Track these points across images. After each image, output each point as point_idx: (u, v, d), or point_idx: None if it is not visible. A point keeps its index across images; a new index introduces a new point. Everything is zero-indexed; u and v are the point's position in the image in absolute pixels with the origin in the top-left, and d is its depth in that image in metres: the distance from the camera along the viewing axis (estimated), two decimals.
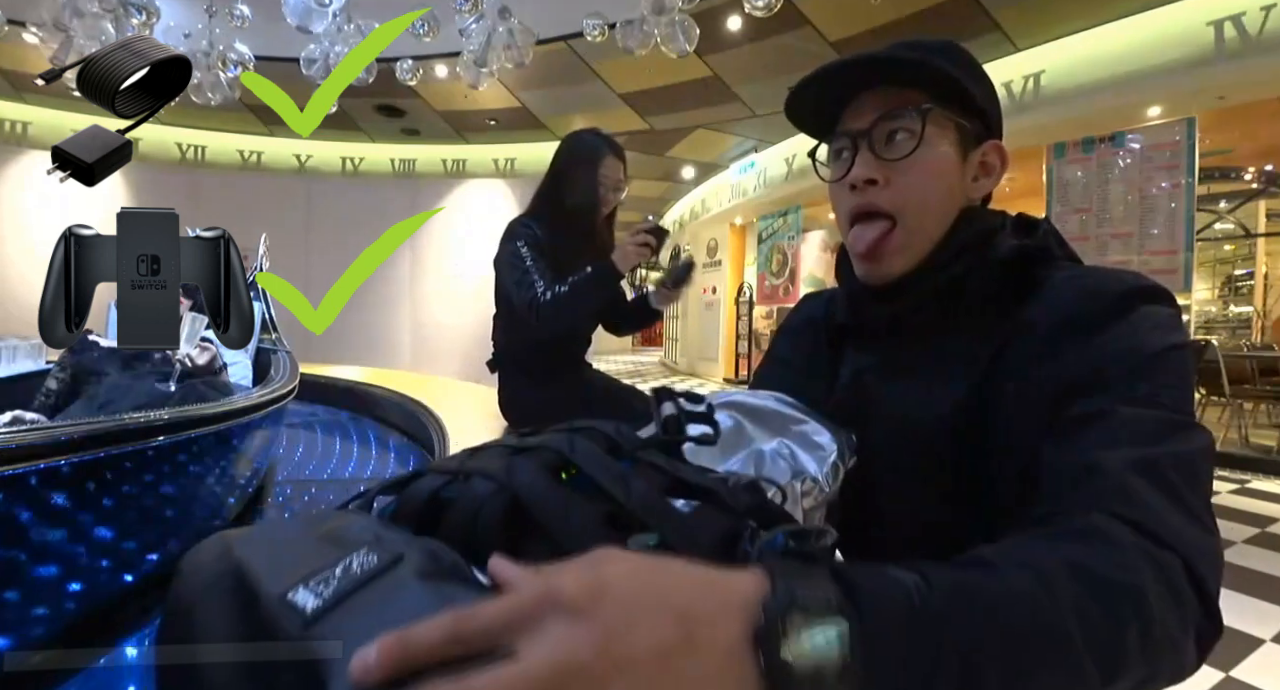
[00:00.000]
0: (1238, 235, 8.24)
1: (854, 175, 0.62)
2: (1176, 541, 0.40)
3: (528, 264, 1.61)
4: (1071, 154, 5.39)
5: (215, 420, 1.84)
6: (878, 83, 0.62)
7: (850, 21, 5.45)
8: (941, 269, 0.61)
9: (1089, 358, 0.51)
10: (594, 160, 1.66)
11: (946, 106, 0.61)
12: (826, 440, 0.59)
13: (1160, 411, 0.48)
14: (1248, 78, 4.49)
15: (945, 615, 0.32)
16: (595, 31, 4.67)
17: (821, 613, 0.28)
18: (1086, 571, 0.37)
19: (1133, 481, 0.43)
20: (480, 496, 0.38)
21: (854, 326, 0.70)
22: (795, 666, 0.26)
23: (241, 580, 0.33)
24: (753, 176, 8.78)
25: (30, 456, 1.23)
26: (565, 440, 0.44)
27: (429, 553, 0.34)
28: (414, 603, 0.30)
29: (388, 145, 9.11)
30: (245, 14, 4.84)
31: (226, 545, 0.37)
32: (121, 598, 1.60)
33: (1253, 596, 2.36)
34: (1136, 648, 0.36)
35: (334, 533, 0.37)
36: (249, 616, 0.32)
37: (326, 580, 0.32)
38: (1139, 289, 0.54)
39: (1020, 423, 0.53)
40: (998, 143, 0.66)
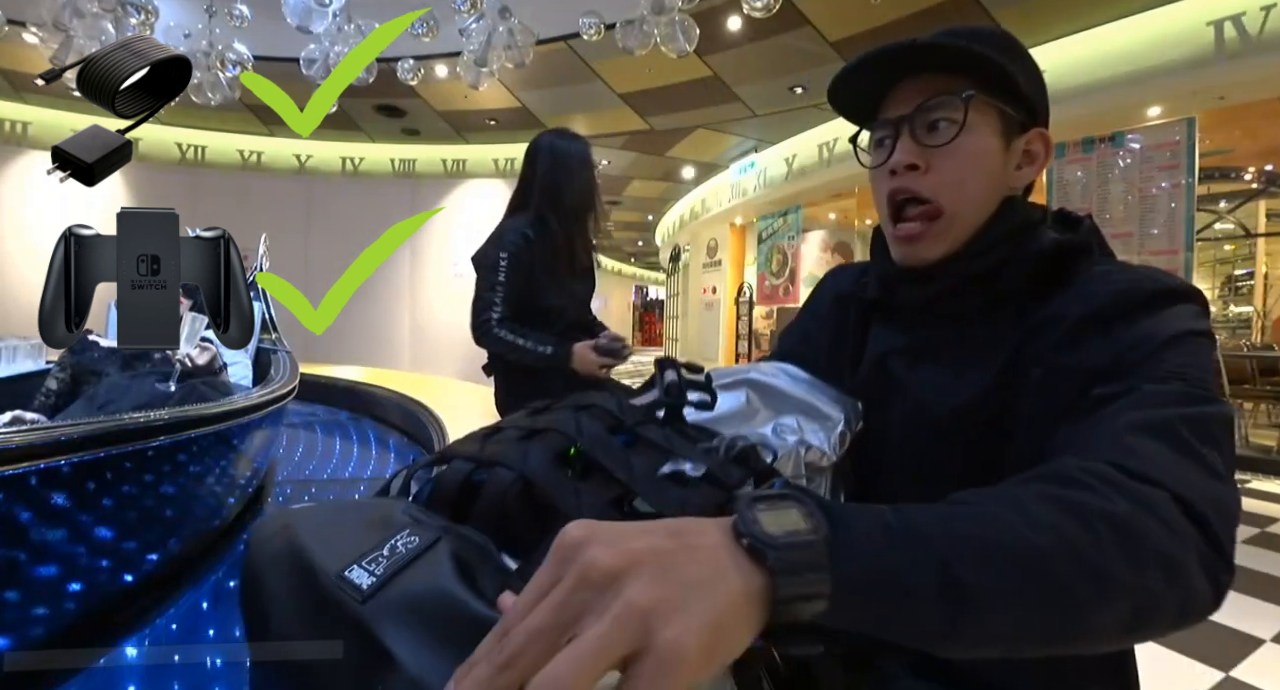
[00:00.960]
0: (1238, 235, 8.24)
1: (895, 160, 0.61)
2: (1169, 480, 0.40)
3: (499, 280, 1.66)
4: (1071, 154, 5.39)
5: (215, 420, 1.84)
6: (921, 69, 0.61)
7: (850, 21, 5.44)
8: (979, 257, 0.60)
9: (1111, 348, 0.52)
10: (587, 160, 1.72)
11: (990, 93, 0.60)
12: (834, 411, 0.59)
13: (1179, 385, 0.48)
14: (1248, 78, 4.49)
15: (918, 526, 0.34)
16: (592, 30, 4.67)
17: (779, 500, 0.32)
18: (1059, 498, 0.37)
19: (1132, 437, 0.44)
20: (504, 484, 0.43)
21: (884, 305, 0.69)
22: (770, 534, 0.30)
23: (302, 558, 0.39)
24: (753, 176, 8.78)
25: (30, 456, 1.23)
26: (572, 421, 0.48)
27: (461, 537, 0.39)
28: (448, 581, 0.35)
29: (388, 145, 9.11)
30: (245, 14, 4.84)
31: (287, 523, 0.43)
32: (121, 598, 1.60)
33: (1253, 596, 2.36)
34: (1121, 563, 0.36)
35: (377, 516, 0.42)
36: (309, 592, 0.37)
37: (377, 560, 0.37)
38: (1170, 290, 0.54)
39: (1041, 412, 0.53)
40: (1043, 131, 0.64)
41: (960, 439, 0.58)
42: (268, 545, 0.42)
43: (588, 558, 0.27)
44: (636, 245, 18.22)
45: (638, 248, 18.88)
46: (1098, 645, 0.36)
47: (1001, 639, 0.34)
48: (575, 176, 1.72)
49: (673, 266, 14.16)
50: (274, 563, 0.40)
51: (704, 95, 6.94)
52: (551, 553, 0.29)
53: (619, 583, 0.27)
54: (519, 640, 0.26)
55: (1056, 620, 0.35)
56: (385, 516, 0.42)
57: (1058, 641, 0.35)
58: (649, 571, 0.27)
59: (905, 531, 0.33)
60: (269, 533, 0.43)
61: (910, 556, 0.33)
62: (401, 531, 0.39)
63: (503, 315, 1.68)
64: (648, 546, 0.28)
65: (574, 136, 1.77)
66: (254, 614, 0.41)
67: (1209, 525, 0.39)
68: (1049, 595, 0.34)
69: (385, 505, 0.44)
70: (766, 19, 4.43)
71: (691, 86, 6.73)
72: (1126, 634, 0.37)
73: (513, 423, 0.51)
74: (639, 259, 22.52)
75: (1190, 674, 1.83)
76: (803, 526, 0.31)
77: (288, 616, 0.38)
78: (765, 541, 0.29)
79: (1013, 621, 0.34)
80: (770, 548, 0.29)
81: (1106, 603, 0.35)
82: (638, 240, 17.03)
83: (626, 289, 24.18)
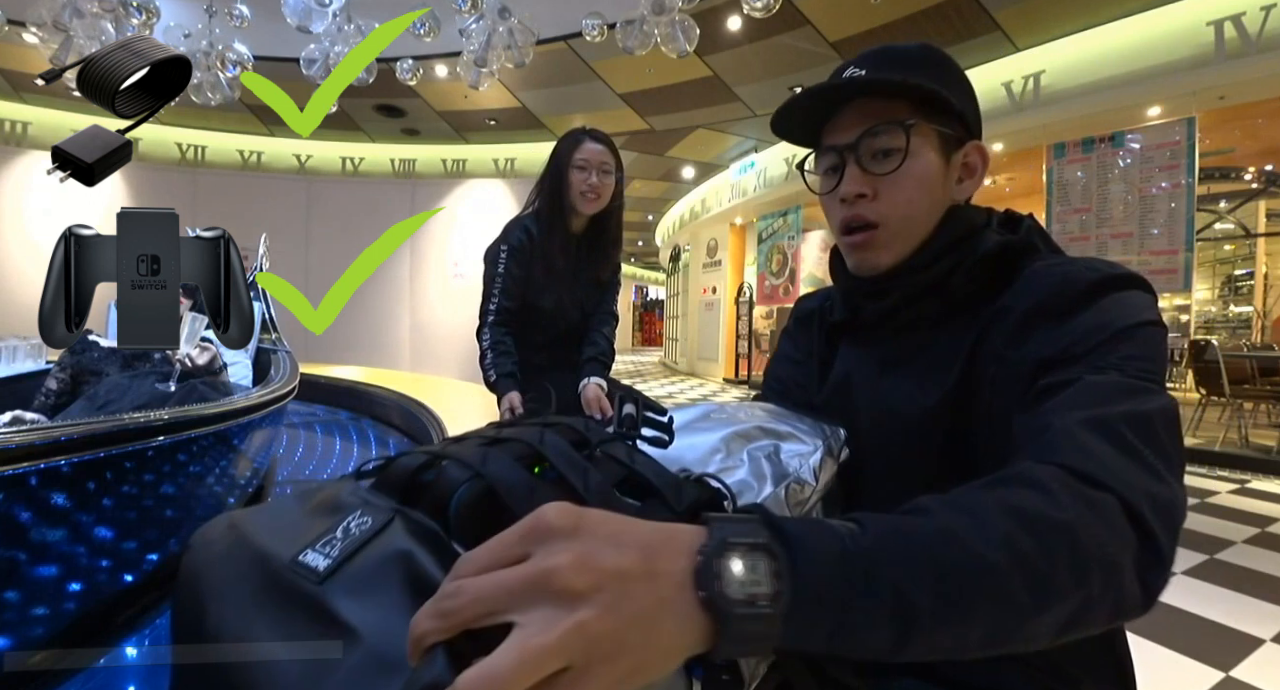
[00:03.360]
0: (1238, 235, 8.25)
1: (844, 190, 0.64)
2: (1114, 482, 0.42)
3: (499, 272, 1.65)
4: (1071, 154, 5.39)
5: (215, 420, 1.84)
6: (863, 96, 0.64)
7: (850, 21, 5.45)
8: (928, 267, 0.63)
9: (1059, 338, 0.54)
10: (569, 150, 1.65)
11: (928, 117, 0.63)
12: (809, 442, 0.60)
13: (1123, 377, 0.50)
14: (1248, 78, 4.49)
15: (875, 550, 0.35)
16: (594, 31, 4.67)
17: (750, 550, 0.32)
18: (1015, 508, 0.39)
19: (1080, 435, 0.46)
20: (456, 480, 0.41)
21: (849, 323, 0.72)
22: (730, 598, 0.30)
23: (250, 549, 0.38)
24: (753, 176, 8.78)
25: (30, 456, 1.23)
26: (537, 434, 0.47)
27: (413, 520, 0.38)
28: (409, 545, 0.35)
29: (388, 145, 9.11)
30: (245, 14, 4.84)
31: (230, 521, 0.41)
32: (121, 598, 1.60)
33: (1253, 596, 2.36)
34: (1066, 574, 0.37)
35: (326, 501, 0.41)
36: (263, 580, 0.36)
37: (330, 542, 0.36)
38: (1111, 277, 0.56)
39: (1000, 405, 0.55)
40: (978, 143, 0.67)
41: (931, 441, 0.60)
42: (211, 547, 0.40)
43: (557, 565, 0.28)
44: (636, 245, 18.23)
45: (638, 248, 18.89)
46: (1029, 647, 0.38)
47: (944, 650, 0.36)
48: (547, 170, 1.70)
49: (673, 266, 14.16)
50: (219, 562, 0.38)
51: (704, 95, 6.94)
52: (527, 527, 0.30)
53: (577, 601, 0.28)
54: (463, 599, 0.28)
55: (1001, 629, 0.36)
56: (333, 500, 0.41)
57: (996, 647, 0.37)
58: (605, 599, 0.28)
59: (862, 563, 0.34)
60: (212, 535, 0.41)
61: (866, 593, 0.33)
62: (353, 512, 0.38)
63: (498, 312, 1.65)
64: (615, 569, 0.29)
65: (577, 132, 1.71)
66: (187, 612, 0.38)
67: (1149, 529, 0.41)
68: (997, 608, 0.36)
69: (330, 489, 0.43)
70: (766, 19, 4.44)
71: (691, 86, 6.73)
72: (1059, 636, 0.39)
73: (477, 433, 0.51)
74: (639, 259, 22.54)
75: (1190, 674, 1.83)
76: (765, 589, 0.31)
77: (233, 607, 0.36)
78: (720, 606, 0.30)
79: (958, 634, 0.35)
80: (725, 616, 0.30)
81: (1048, 611, 0.37)
82: (638, 240, 17.03)
83: (626, 289, 24.19)
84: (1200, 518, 3.33)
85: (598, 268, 1.76)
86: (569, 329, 1.77)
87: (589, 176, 1.63)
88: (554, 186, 1.67)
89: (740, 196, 9.13)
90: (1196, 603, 2.28)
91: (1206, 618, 2.18)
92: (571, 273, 1.72)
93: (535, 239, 1.67)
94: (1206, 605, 2.27)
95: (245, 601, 0.36)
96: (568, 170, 1.64)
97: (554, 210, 1.67)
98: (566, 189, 1.65)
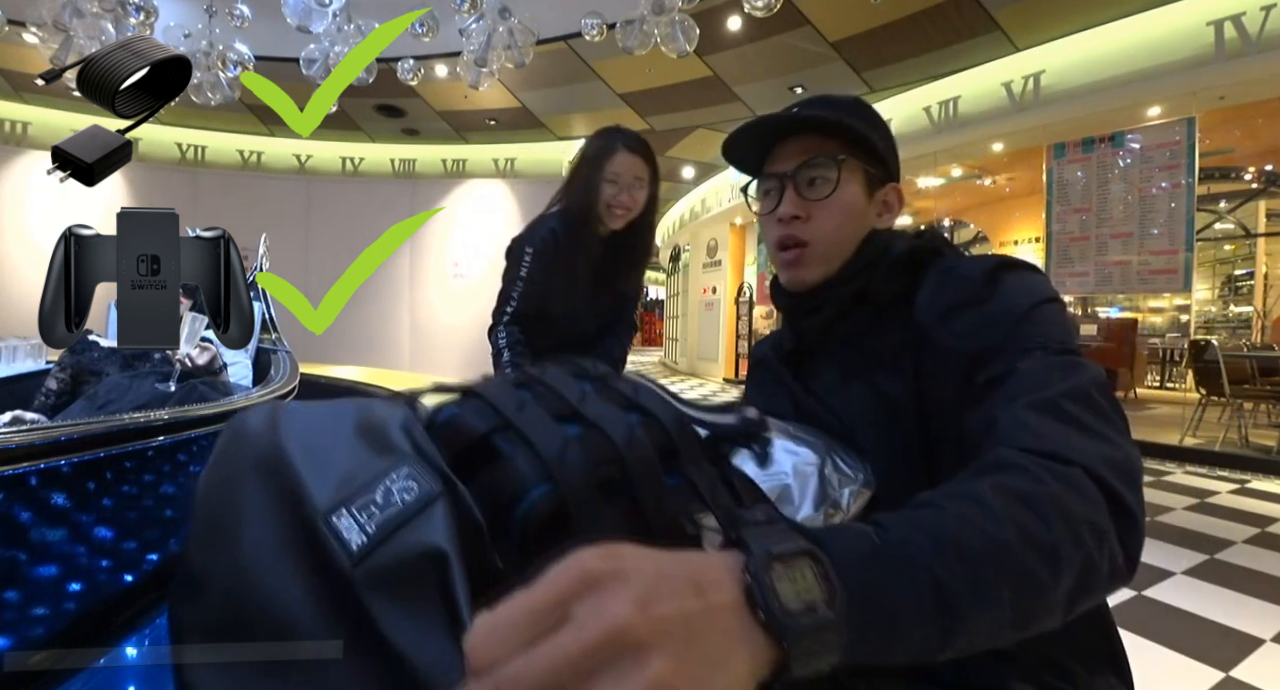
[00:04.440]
0: (1238, 235, 8.25)
1: (782, 211, 0.73)
2: (1076, 456, 0.46)
3: (520, 275, 1.56)
4: (1071, 154, 5.39)
5: (215, 420, 1.84)
6: (801, 133, 0.73)
7: (850, 21, 5.44)
8: (850, 281, 0.71)
9: (976, 331, 0.60)
10: (601, 157, 1.52)
11: (857, 156, 0.72)
12: (853, 473, 0.61)
13: (1049, 356, 0.56)
14: (1248, 78, 4.49)
15: (905, 544, 0.36)
16: (594, 31, 4.67)
17: (792, 558, 0.31)
18: (1007, 489, 0.42)
19: (1031, 419, 0.50)
20: (526, 478, 0.38)
21: (799, 349, 0.79)
22: (789, 611, 0.30)
23: (285, 475, 0.34)
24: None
25: (30, 456, 1.23)
26: (625, 428, 0.43)
27: (460, 505, 0.35)
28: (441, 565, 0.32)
29: (388, 145, 9.11)
30: (245, 14, 4.84)
31: (272, 419, 0.38)
32: (121, 598, 1.60)
33: (1253, 596, 2.36)
34: (1066, 539, 0.40)
35: (376, 429, 0.38)
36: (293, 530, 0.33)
37: (369, 508, 0.33)
38: (1000, 263, 0.64)
39: (945, 397, 0.61)
40: (896, 185, 0.77)
41: (909, 439, 0.64)
42: (249, 442, 0.37)
43: (619, 620, 0.26)
44: None
45: None
46: (1053, 621, 0.40)
47: (982, 639, 0.37)
48: (577, 173, 1.57)
49: (673, 266, 14.15)
50: (252, 471, 0.35)
51: (704, 95, 6.93)
52: (564, 579, 0.27)
53: (647, 654, 0.25)
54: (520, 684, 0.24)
55: (1028, 606, 0.38)
56: (383, 431, 0.38)
57: (1026, 628, 0.38)
58: (675, 646, 0.26)
59: (897, 558, 0.35)
60: (253, 427, 0.38)
61: (908, 585, 0.34)
62: (398, 469, 0.35)
63: (515, 314, 1.56)
64: (677, 612, 0.27)
65: (611, 135, 1.57)
66: (215, 518, 0.35)
67: (1116, 491, 0.45)
68: (1020, 584, 0.38)
69: (384, 415, 0.40)
70: (766, 19, 4.44)
71: (691, 86, 6.73)
72: (1072, 606, 0.41)
73: (557, 384, 0.47)
74: None
75: (1190, 674, 1.83)
76: (818, 595, 0.31)
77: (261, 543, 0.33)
78: (783, 622, 0.29)
79: (994, 618, 0.37)
80: (789, 631, 0.29)
81: (1060, 579, 0.39)
82: None
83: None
84: (1200, 518, 3.33)
85: (623, 280, 1.67)
86: (580, 340, 1.68)
87: (619, 192, 1.51)
88: (584, 193, 1.53)
89: (740, 197, 9.11)
90: (1196, 603, 2.28)
91: (1206, 618, 2.18)
92: (593, 284, 1.62)
93: (560, 243, 1.56)
94: (1206, 605, 2.27)
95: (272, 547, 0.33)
96: (600, 181, 1.51)
97: (582, 219, 1.54)
98: (596, 198, 1.52)
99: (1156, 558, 2.69)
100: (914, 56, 5.79)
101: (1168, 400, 7.01)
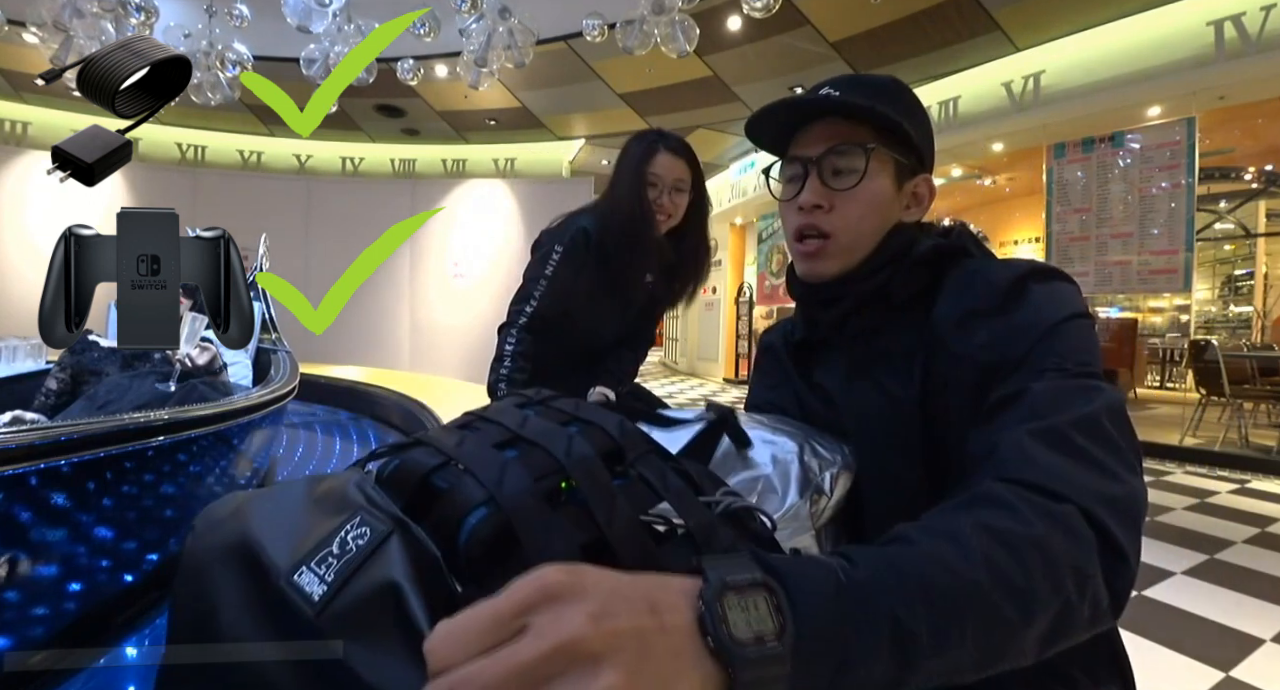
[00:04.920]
0: (1238, 235, 8.25)
1: (804, 199, 0.68)
2: (1072, 493, 0.44)
3: (545, 273, 1.45)
4: (1071, 154, 5.39)
5: (215, 420, 1.84)
6: (831, 116, 0.68)
7: (850, 21, 5.44)
8: (869, 277, 0.67)
9: (995, 340, 0.57)
10: (643, 158, 1.42)
11: (887, 144, 0.67)
12: (830, 455, 0.61)
13: (1065, 379, 0.53)
14: (1248, 78, 4.49)
15: (869, 581, 0.36)
16: (594, 31, 4.67)
17: (748, 589, 0.32)
18: (988, 527, 0.41)
19: (1031, 448, 0.48)
20: (469, 501, 0.39)
21: (809, 343, 0.77)
22: (738, 640, 0.30)
23: (251, 553, 0.36)
24: (753, 176, 8.78)
25: (30, 456, 1.23)
26: (564, 440, 0.44)
27: (413, 540, 0.36)
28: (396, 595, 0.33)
29: (388, 145, 9.11)
30: (245, 14, 4.84)
31: (237, 507, 0.40)
32: (121, 598, 1.60)
33: (1253, 596, 2.36)
34: (1043, 584, 0.39)
35: (332, 494, 0.40)
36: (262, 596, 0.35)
37: (326, 560, 0.35)
38: (1030, 271, 0.60)
39: (956, 403, 0.58)
40: (928, 176, 0.72)
41: (910, 442, 0.62)
42: (214, 536, 0.39)
43: (574, 632, 0.27)
44: None
45: None
46: (1020, 663, 0.39)
47: (942, 677, 0.36)
48: (618, 174, 1.45)
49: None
50: (220, 561, 0.37)
51: (704, 95, 6.94)
52: (526, 596, 0.28)
53: (599, 665, 0.26)
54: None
55: (993, 647, 0.38)
56: (339, 493, 0.39)
57: (990, 667, 0.38)
58: (627, 660, 0.27)
59: (858, 595, 0.35)
60: (217, 518, 0.40)
61: (865, 623, 0.34)
62: (352, 518, 0.36)
63: (533, 316, 1.45)
64: (631, 629, 0.28)
65: (652, 137, 1.47)
66: (190, 611, 0.37)
67: (1108, 531, 0.43)
68: (986, 626, 0.37)
69: (339, 481, 0.41)
70: (766, 19, 4.43)
71: (691, 86, 6.73)
72: (1045, 647, 0.40)
73: (498, 416, 0.48)
74: None
75: (1190, 674, 1.83)
76: (769, 627, 0.31)
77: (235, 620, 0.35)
78: (733, 652, 0.29)
79: (954, 658, 0.36)
80: (736, 659, 0.29)
81: (1032, 623, 0.39)
82: None
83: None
84: (1200, 518, 3.33)
85: (663, 300, 1.56)
86: (592, 354, 1.58)
87: (659, 195, 1.42)
88: (630, 200, 1.41)
89: (740, 196, 9.12)
90: (1196, 603, 2.28)
91: (1206, 618, 2.18)
92: (636, 299, 1.52)
93: (592, 244, 1.45)
94: (1206, 605, 2.27)
95: (245, 620, 0.35)
96: (642, 185, 1.41)
97: (628, 229, 1.42)
98: (642, 199, 1.40)
99: (1156, 558, 2.69)
100: (914, 56, 5.79)
101: (1168, 400, 7.01)
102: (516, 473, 0.40)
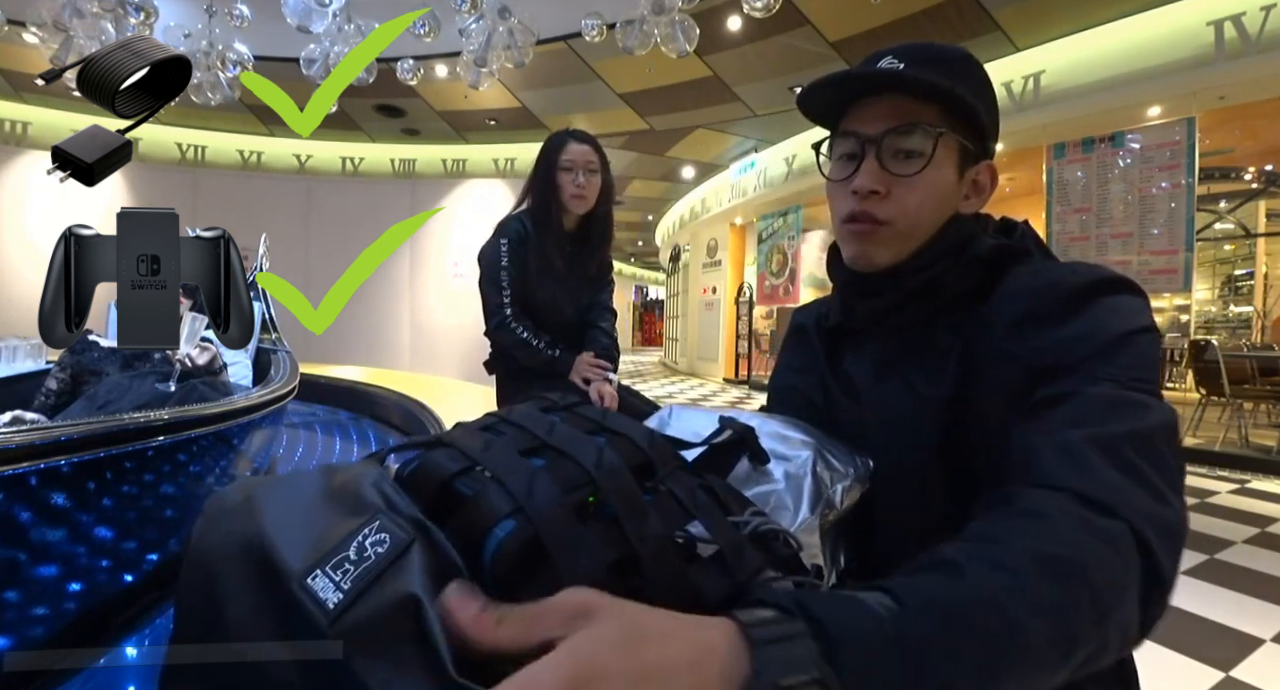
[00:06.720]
0: (1238, 235, 8.25)
1: (859, 183, 0.62)
2: (1123, 509, 0.42)
3: (503, 265, 1.70)
4: (1071, 154, 5.39)
5: (215, 420, 1.84)
6: (895, 91, 0.62)
7: (850, 21, 5.44)
8: (921, 270, 0.63)
9: (1051, 346, 0.54)
10: (553, 150, 1.71)
11: (955, 128, 0.62)
12: (843, 467, 0.59)
13: (1122, 391, 0.50)
14: (1248, 78, 4.49)
15: (920, 637, 0.33)
16: (594, 31, 4.67)
17: (795, 645, 0.30)
18: (1042, 559, 0.38)
19: (1086, 457, 0.45)
20: (496, 512, 0.37)
21: (843, 330, 0.72)
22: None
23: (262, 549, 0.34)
24: (753, 176, 8.78)
25: (30, 456, 1.23)
26: (593, 451, 0.42)
27: (435, 549, 0.34)
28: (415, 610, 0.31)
29: (388, 145, 9.11)
30: (245, 14, 4.84)
31: (246, 495, 0.38)
32: (121, 598, 1.60)
33: (1253, 596, 2.36)
34: (1090, 628, 0.38)
35: (347, 489, 0.38)
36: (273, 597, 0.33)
37: (343, 565, 0.33)
38: (1098, 281, 0.56)
39: (994, 408, 0.55)
40: (991, 163, 0.67)
41: (930, 442, 0.59)
42: (227, 521, 0.37)
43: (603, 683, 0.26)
44: (636, 245, 18.22)
45: (638, 248, 18.89)
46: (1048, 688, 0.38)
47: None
48: (535, 169, 1.75)
49: (673, 266, 14.16)
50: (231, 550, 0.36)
51: (704, 95, 6.94)
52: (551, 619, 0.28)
53: None
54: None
55: (1029, 686, 0.36)
56: (355, 489, 0.38)
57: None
58: None
59: (911, 658, 0.33)
60: (230, 504, 0.38)
61: (911, 674, 0.32)
62: (371, 523, 0.35)
63: (513, 304, 1.69)
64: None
65: (561, 133, 1.76)
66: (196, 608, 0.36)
67: (1155, 556, 0.42)
68: (1031, 672, 0.36)
69: (355, 475, 0.40)
70: (766, 19, 4.43)
71: (691, 86, 6.73)
72: (1072, 676, 0.39)
73: (523, 420, 0.46)
74: (639, 259, 22.53)
75: (1190, 674, 1.83)
76: (811, 677, 0.29)
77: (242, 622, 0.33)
78: None
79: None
80: None
81: (1070, 664, 0.38)
82: (638, 240, 17.03)
83: (627, 288, 24.19)
84: (1200, 518, 3.33)
85: (587, 264, 1.82)
86: (564, 325, 1.79)
87: (575, 177, 1.69)
88: (543, 187, 1.73)
89: (740, 196, 9.12)
90: (1196, 603, 2.28)
91: (1206, 618, 2.18)
92: (565, 269, 1.77)
93: (530, 234, 1.72)
94: (1206, 605, 2.27)
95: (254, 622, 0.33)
96: (555, 172, 1.70)
97: (546, 209, 1.72)
98: (556, 190, 1.70)
99: None
100: None
101: (1168, 400, 7.00)
102: (546, 484, 0.38)
